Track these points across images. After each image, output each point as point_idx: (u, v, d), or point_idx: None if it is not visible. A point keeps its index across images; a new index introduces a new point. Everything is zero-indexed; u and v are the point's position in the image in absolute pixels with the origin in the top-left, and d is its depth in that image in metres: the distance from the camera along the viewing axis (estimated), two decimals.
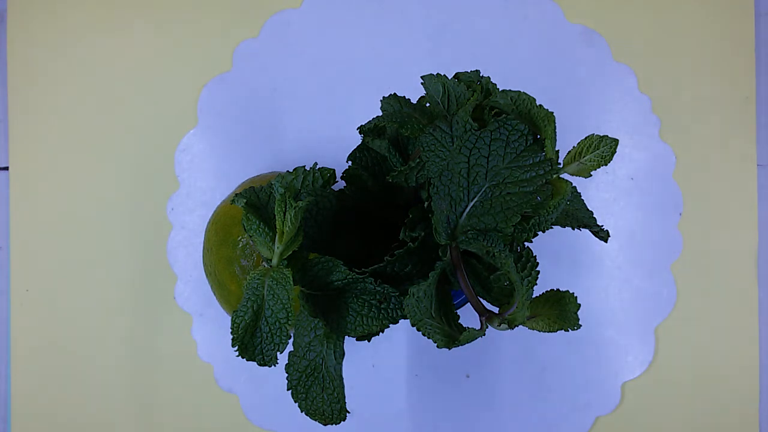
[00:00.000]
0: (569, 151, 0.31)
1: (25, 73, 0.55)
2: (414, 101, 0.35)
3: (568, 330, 0.29)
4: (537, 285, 0.29)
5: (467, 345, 0.29)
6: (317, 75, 0.54)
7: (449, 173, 0.30)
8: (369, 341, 0.34)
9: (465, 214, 0.30)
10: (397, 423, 0.52)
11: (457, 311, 0.33)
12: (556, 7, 0.53)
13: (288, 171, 0.33)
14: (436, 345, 0.29)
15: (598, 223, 0.36)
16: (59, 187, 0.54)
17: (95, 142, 0.54)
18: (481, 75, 0.34)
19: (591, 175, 0.31)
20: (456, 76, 0.34)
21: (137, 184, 0.54)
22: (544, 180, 0.30)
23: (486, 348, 0.52)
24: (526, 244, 0.31)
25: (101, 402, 0.53)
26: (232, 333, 0.29)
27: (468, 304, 0.31)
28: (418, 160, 0.31)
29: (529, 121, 0.30)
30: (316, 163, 0.34)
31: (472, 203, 0.30)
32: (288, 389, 0.32)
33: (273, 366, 0.29)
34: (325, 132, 0.53)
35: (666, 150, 0.52)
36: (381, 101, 0.34)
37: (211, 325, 0.53)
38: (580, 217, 0.36)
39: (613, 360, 0.52)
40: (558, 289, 0.30)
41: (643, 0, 0.54)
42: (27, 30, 0.55)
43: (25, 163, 0.55)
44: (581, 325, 0.29)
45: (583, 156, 0.30)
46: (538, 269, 0.30)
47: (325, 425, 0.33)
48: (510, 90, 0.31)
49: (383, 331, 0.32)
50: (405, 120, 0.32)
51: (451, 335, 0.30)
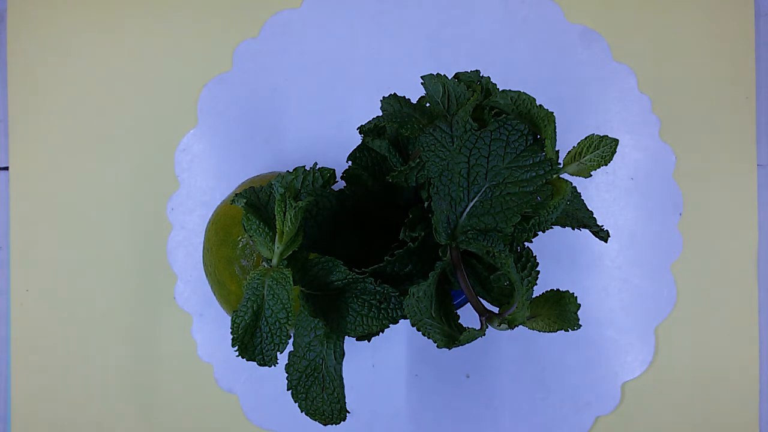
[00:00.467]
0: (569, 151, 0.31)
1: (25, 73, 0.55)
2: (414, 101, 0.35)
3: (568, 330, 0.29)
4: (537, 285, 0.29)
5: (467, 345, 0.29)
6: (317, 75, 0.54)
7: (449, 173, 0.30)
8: (369, 341, 0.34)
9: (465, 214, 0.30)
10: (397, 423, 0.52)
11: (457, 311, 0.33)
12: (556, 7, 0.53)
13: (288, 171, 0.33)
14: (436, 345, 0.29)
15: (598, 223, 0.36)
16: (59, 187, 0.54)
17: (95, 142, 0.55)
18: (481, 75, 0.34)
19: (591, 175, 0.31)
20: (456, 76, 0.34)
21: (137, 184, 0.54)
22: (544, 180, 0.30)
23: (486, 348, 0.52)
24: (526, 244, 0.31)
25: (101, 402, 0.53)
26: (232, 333, 0.29)
27: (468, 304, 0.31)
28: (418, 160, 0.31)
29: (529, 121, 0.30)
30: (316, 163, 0.34)
31: (472, 203, 0.30)
32: (288, 389, 0.32)
33: (273, 366, 0.29)
34: (325, 132, 0.53)
35: (666, 150, 0.52)
36: (381, 101, 0.34)
37: (211, 325, 0.53)
38: (580, 217, 0.36)
39: (613, 360, 0.52)
40: (558, 289, 0.30)
41: (643, 0, 0.54)
42: (27, 30, 0.55)
43: (25, 163, 0.55)
44: (581, 325, 0.29)
45: (583, 156, 0.30)
46: (538, 269, 0.30)
47: (325, 425, 0.33)
48: (510, 90, 0.31)
49: (383, 331, 0.32)
50: (405, 120, 0.32)
51: (451, 335, 0.30)
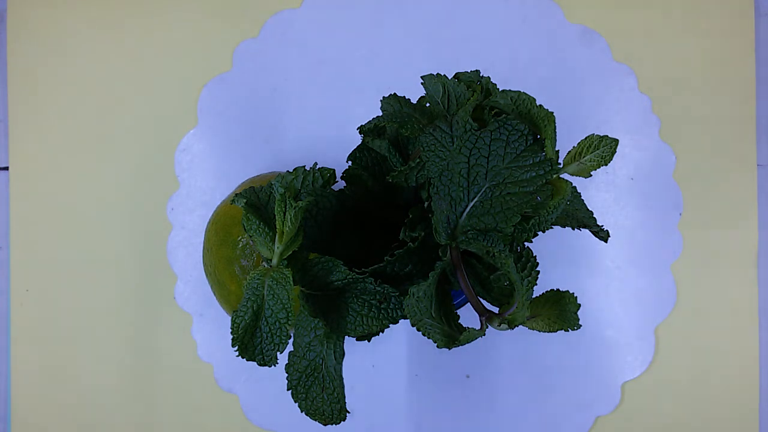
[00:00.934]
0: (569, 151, 0.31)
1: (25, 73, 0.55)
2: (414, 101, 0.35)
3: (568, 330, 0.29)
4: (537, 285, 0.29)
5: (467, 345, 0.29)
6: (317, 75, 0.54)
7: (449, 173, 0.30)
8: (369, 341, 0.34)
9: (465, 214, 0.30)
10: (397, 423, 0.52)
11: (457, 311, 0.33)
12: (556, 7, 0.53)
13: (288, 171, 0.33)
14: (436, 345, 0.29)
15: (597, 223, 0.36)
16: (59, 187, 0.54)
17: (95, 142, 0.55)
18: (481, 75, 0.34)
19: (591, 175, 0.31)
20: (456, 76, 0.34)
21: (137, 184, 0.54)
22: (544, 180, 0.30)
23: (486, 348, 0.52)
24: (526, 244, 0.31)
25: (101, 402, 0.53)
26: (232, 333, 0.29)
27: (468, 304, 0.31)
28: (418, 160, 0.31)
29: (529, 121, 0.30)
30: (316, 163, 0.34)
31: (472, 203, 0.30)
32: (288, 389, 0.32)
33: (273, 366, 0.29)
34: (325, 132, 0.53)
35: (666, 150, 0.52)
36: (381, 101, 0.34)
37: (211, 325, 0.53)
38: (580, 217, 0.36)
39: (613, 360, 0.52)
40: (558, 289, 0.30)
41: (643, 0, 0.54)
42: (27, 30, 0.55)
43: (25, 163, 0.55)
44: (581, 325, 0.29)
45: (583, 156, 0.30)
46: (538, 269, 0.30)
47: (325, 425, 0.33)
48: (510, 90, 0.31)
49: (383, 331, 0.32)
50: (405, 120, 0.32)
51: (451, 335, 0.30)
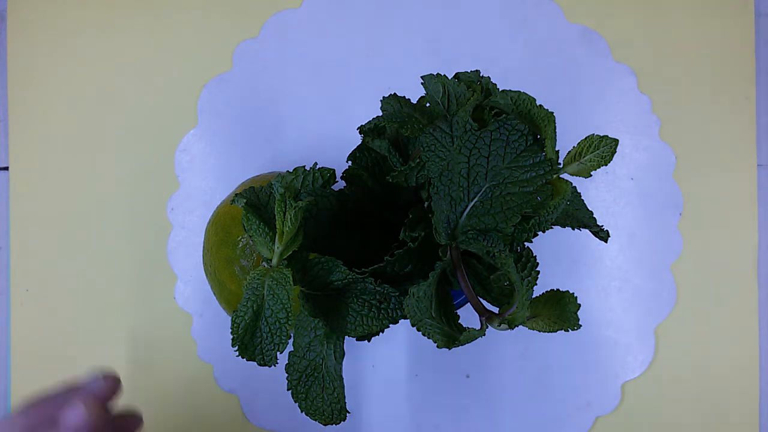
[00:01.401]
0: (569, 152, 0.31)
1: (25, 73, 0.55)
2: (414, 101, 0.35)
3: (568, 330, 0.29)
4: (537, 285, 0.29)
5: (467, 345, 0.29)
6: (317, 75, 0.54)
7: (449, 173, 0.30)
8: (369, 341, 0.34)
9: (465, 214, 0.30)
10: (397, 423, 0.52)
11: (457, 311, 0.33)
12: (556, 7, 0.53)
13: (288, 171, 0.33)
14: (436, 345, 0.29)
15: (598, 223, 0.36)
16: (59, 187, 0.54)
17: (95, 142, 0.54)
18: (481, 75, 0.34)
19: (591, 175, 0.31)
20: (456, 76, 0.34)
21: (137, 184, 0.54)
22: (544, 180, 0.30)
23: (486, 348, 0.52)
24: (526, 244, 0.31)
25: None
26: (232, 333, 0.29)
27: (468, 304, 0.31)
28: (418, 160, 0.31)
29: (529, 122, 0.30)
30: (316, 163, 0.34)
31: (472, 203, 0.30)
32: (288, 389, 0.32)
33: (273, 366, 0.29)
34: (325, 132, 0.53)
35: (666, 150, 0.52)
36: (381, 101, 0.34)
37: (211, 325, 0.53)
38: (580, 217, 0.36)
39: (613, 360, 0.52)
40: (558, 289, 0.30)
41: (643, 0, 0.54)
42: (27, 30, 0.55)
43: (25, 163, 0.55)
44: (581, 325, 0.29)
45: (583, 156, 0.30)
46: (538, 269, 0.30)
47: (325, 425, 0.33)
48: (510, 90, 0.31)
49: (383, 331, 0.32)
50: (405, 120, 0.32)
51: (451, 335, 0.30)
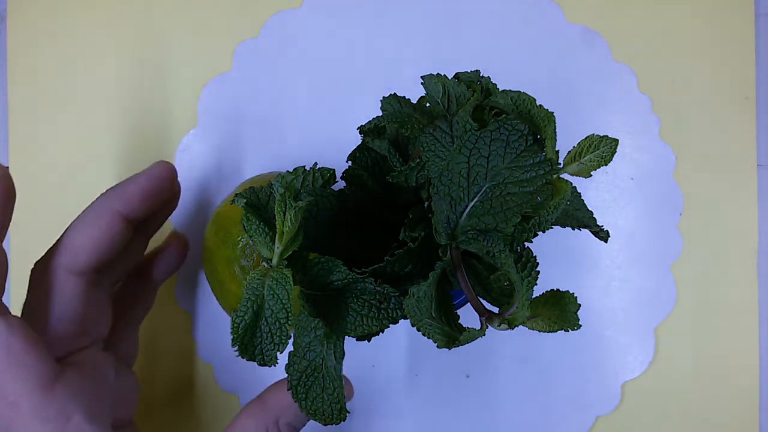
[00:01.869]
0: (569, 152, 0.31)
1: (25, 73, 0.55)
2: (414, 101, 0.35)
3: (568, 330, 0.29)
4: (537, 285, 0.29)
5: (467, 345, 0.29)
6: (317, 75, 0.54)
7: (449, 173, 0.30)
8: (369, 341, 0.34)
9: (465, 214, 0.30)
10: (397, 423, 0.52)
11: (457, 311, 0.33)
12: (556, 8, 0.53)
13: (288, 171, 0.33)
14: (436, 345, 0.29)
15: (597, 223, 0.36)
16: (59, 187, 0.54)
17: (95, 142, 0.54)
18: (481, 75, 0.34)
19: (591, 176, 0.31)
20: (456, 76, 0.34)
21: None
22: (544, 180, 0.30)
23: (486, 348, 0.52)
24: (526, 244, 0.31)
25: None
26: (232, 333, 0.29)
27: (468, 304, 0.31)
28: (418, 160, 0.31)
29: (530, 122, 0.30)
30: (316, 163, 0.34)
31: (472, 203, 0.30)
32: (288, 389, 0.32)
33: (273, 366, 0.29)
34: (325, 132, 0.53)
35: (666, 150, 0.52)
36: (381, 101, 0.34)
37: (211, 325, 0.53)
38: (580, 217, 0.36)
39: (613, 360, 0.52)
40: (558, 290, 0.30)
41: (643, 0, 0.54)
42: (27, 30, 0.55)
43: (25, 163, 0.55)
44: (581, 325, 0.29)
45: (583, 156, 0.30)
46: (538, 269, 0.29)
47: (326, 425, 0.33)
48: (510, 90, 0.31)
49: (383, 331, 0.32)
50: (405, 120, 0.32)
51: (452, 335, 0.30)
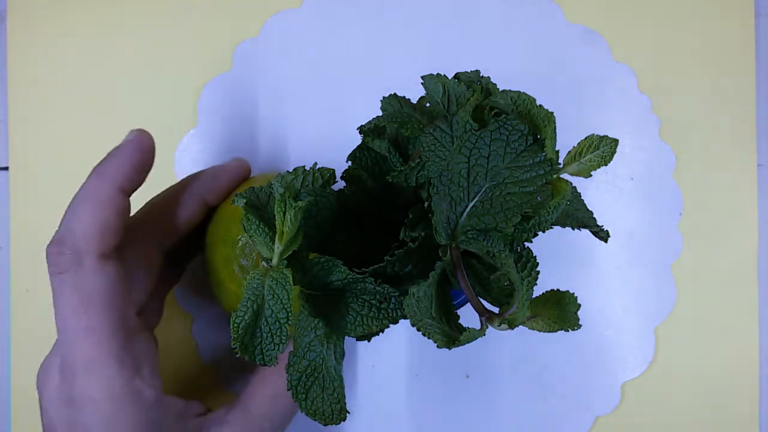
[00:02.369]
0: (569, 152, 0.31)
1: (25, 73, 0.55)
2: (414, 101, 0.35)
3: (568, 330, 0.29)
4: (537, 285, 0.29)
5: (467, 345, 0.29)
6: (317, 75, 0.54)
7: (449, 173, 0.30)
8: (369, 341, 0.34)
9: (465, 214, 0.30)
10: (397, 423, 0.52)
11: (457, 311, 0.33)
12: (556, 7, 0.53)
13: (288, 171, 0.33)
14: (436, 345, 0.29)
15: (597, 223, 0.36)
16: (59, 187, 0.54)
17: (95, 141, 0.54)
18: (481, 75, 0.34)
19: (591, 176, 0.31)
20: (456, 76, 0.34)
21: None
22: (544, 180, 0.30)
23: (486, 348, 0.52)
24: (526, 244, 0.31)
25: None
26: (232, 333, 0.29)
27: (468, 304, 0.31)
28: (418, 160, 0.31)
29: (529, 122, 0.30)
30: (316, 163, 0.34)
31: (472, 203, 0.30)
32: (288, 389, 0.32)
33: (273, 366, 0.29)
34: (325, 132, 0.53)
35: (666, 150, 0.52)
36: (381, 101, 0.34)
37: (211, 325, 0.53)
38: (579, 218, 0.36)
39: (613, 360, 0.52)
40: (558, 290, 0.30)
41: (644, 0, 0.54)
42: (27, 30, 0.55)
43: (25, 163, 0.55)
44: (581, 326, 0.29)
45: (583, 156, 0.30)
46: (538, 269, 0.30)
47: (325, 425, 0.33)
48: (510, 90, 0.31)
49: (383, 331, 0.32)
50: (405, 120, 0.32)
51: (452, 335, 0.30)
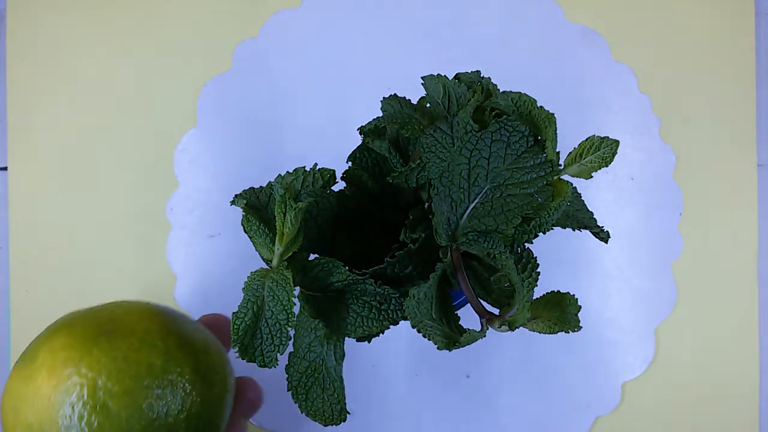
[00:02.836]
0: (570, 153, 0.31)
1: (25, 74, 0.55)
2: (414, 102, 0.35)
3: (568, 332, 0.29)
4: (537, 286, 0.29)
5: (467, 346, 0.29)
6: (317, 75, 0.54)
7: (450, 174, 0.30)
8: (369, 342, 0.34)
9: (465, 215, 0.30)
10: (397, 423, 0.52)
11: (458, 312, 0.33)
12: (556, 7, 0.53)
13: (288, 171, 0.33)
14: (436, 346, 0.29)
15: (598, 224, 0.36)
16: (59, 187, 0.54)
17: (95, 142, 0.54)
18: (482, 75, 0.34)
19: (592, 177, 0.30)
20: (456, 76, 0.34)
21: (137, 183, 0.54)
22: (544, 181, 0.30)
23: (486, 348, 0.52)
24: (526, 245, 0.31)
25: None
26: (232, 334, 0.29)
27: (468, 305, 0.31)
28: (418, 161, 0.31)
29: (530, 123, 0.30)
30: (316, 164, 0.34)
31: (472, 205, 0.30)
32: (288, 390, 0.32)
33: (273, 367, 0.29)
34: (325, 132, 0.53)
35: (666, 150, 0.52)
36: (381, 102, 0.34)
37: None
38: (580, 218, 0.36)
39: (613, 360, 0.52)
40: (558, 291, 0.30)
41: (643, 0, 0.54)
42: (27, 30, 0.55)
43: (25, 163, 0.55)
44: (582, 327, 0.29)
45: (584, 157, 0.30)
46: (538, 270, 0.29)
47: (326, 426, 0.33)
48: (511, 91, 0.31)
49: (383, 332, 0.32)
50: (405, 121, 0.32)
51: (452, 337, 0.30)
